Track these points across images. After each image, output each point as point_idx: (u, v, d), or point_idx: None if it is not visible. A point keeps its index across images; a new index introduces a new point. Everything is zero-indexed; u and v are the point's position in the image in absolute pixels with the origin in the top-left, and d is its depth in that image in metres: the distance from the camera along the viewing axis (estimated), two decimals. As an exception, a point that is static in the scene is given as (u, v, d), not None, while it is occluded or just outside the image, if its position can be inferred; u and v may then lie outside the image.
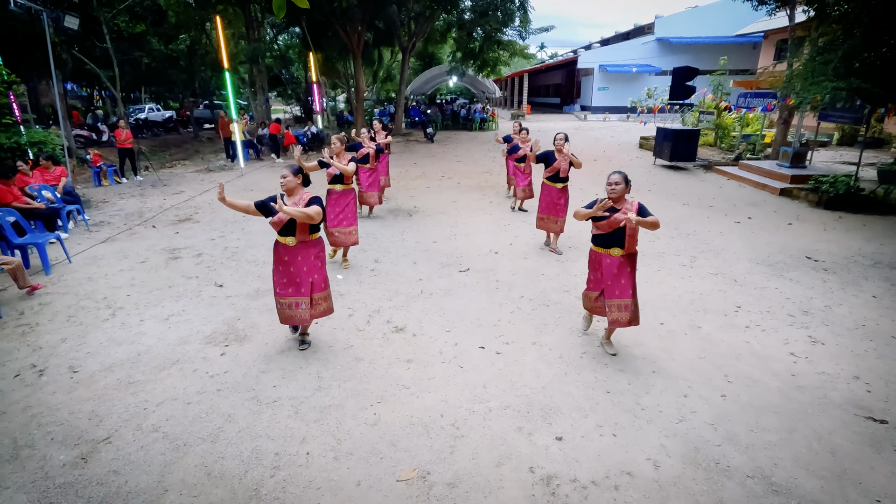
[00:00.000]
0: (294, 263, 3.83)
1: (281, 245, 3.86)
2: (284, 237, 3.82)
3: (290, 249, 3.83)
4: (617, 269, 3.85)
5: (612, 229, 3.81)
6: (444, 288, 5.44)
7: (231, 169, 13.96)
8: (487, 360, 3.99)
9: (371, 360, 3.98)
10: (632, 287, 3.88)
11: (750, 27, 27.88)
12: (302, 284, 3.84)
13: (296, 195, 3.86)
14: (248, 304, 5.01)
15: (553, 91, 46.03)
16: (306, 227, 3.78)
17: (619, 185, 3.77)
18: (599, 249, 3.96)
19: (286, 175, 3.86)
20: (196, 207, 9.32)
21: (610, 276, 3.86)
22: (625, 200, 3.82)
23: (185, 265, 6.19)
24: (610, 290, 3.87)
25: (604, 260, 3.92)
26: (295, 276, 3.84)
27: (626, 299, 3.83)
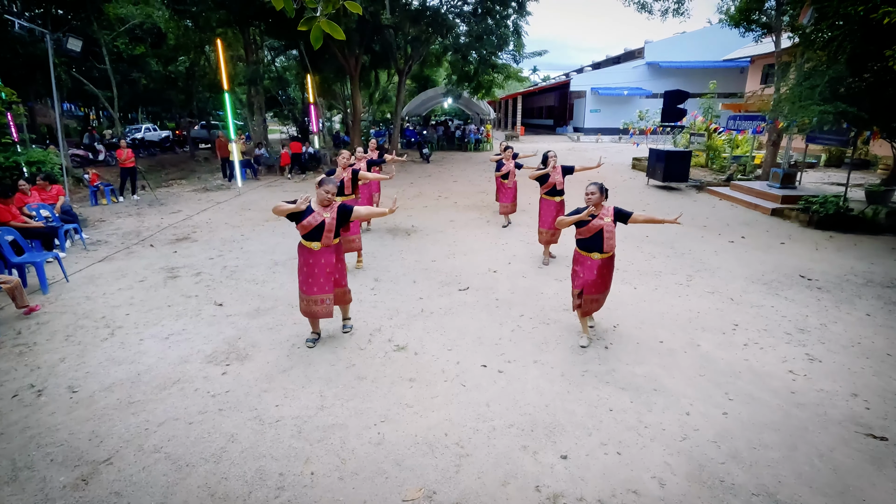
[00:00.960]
0: (318, 265, 4.27)
1: (306, 248, 4.29)
2: (310, 242, 4.26)
3: (315, 253, 4.27)
4: (597, 271, 4.38)
5: (592, 234, 4.34)
6: (444, 307, 5.46)
7: (228, 188, 14.00)
8: (490, 378, 4.00)
9: (373, 379, 3.98)
10: (606, 286, 4.54)
11: (737, 52, 28.69)
12: (326, 283, 4.30)
13: (330, 206, 4.29)
14: (249, 324, 5.00)
15: (546, 113, 46.83)
16: (331, 234, 4.25)
17: (594, 195, 4.29)
18: (583, 252, 4.49)
19: (332, 191, 4.24)
20: (194, 227, 9.33)
21: (591, 276, 4.39)
22: (602, 207, 4.35)
23: (184, 284, 6.18)
24: (588, 287, 4.42)
25: (586, 261, 4.44)
26: (319, 275, 4.28)
27: (598, 295, 4.51)
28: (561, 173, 6.84)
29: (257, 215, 10.30)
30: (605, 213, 4.35)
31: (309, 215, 4.16)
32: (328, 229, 4.21)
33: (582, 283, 4.42)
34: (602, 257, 4.37)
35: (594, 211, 4.22)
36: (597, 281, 4.39)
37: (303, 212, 4.13)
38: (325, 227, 4.19)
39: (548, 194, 6.87)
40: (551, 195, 6.85)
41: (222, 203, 11.79)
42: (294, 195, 13.17)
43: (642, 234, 8.46)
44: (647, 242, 7.98)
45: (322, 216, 4.19)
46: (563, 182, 6.87)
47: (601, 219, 4.32)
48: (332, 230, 4.24)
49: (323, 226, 4.19)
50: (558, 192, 6.84)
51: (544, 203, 6.89)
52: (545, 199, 6.90)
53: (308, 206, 4.17)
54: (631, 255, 7.25)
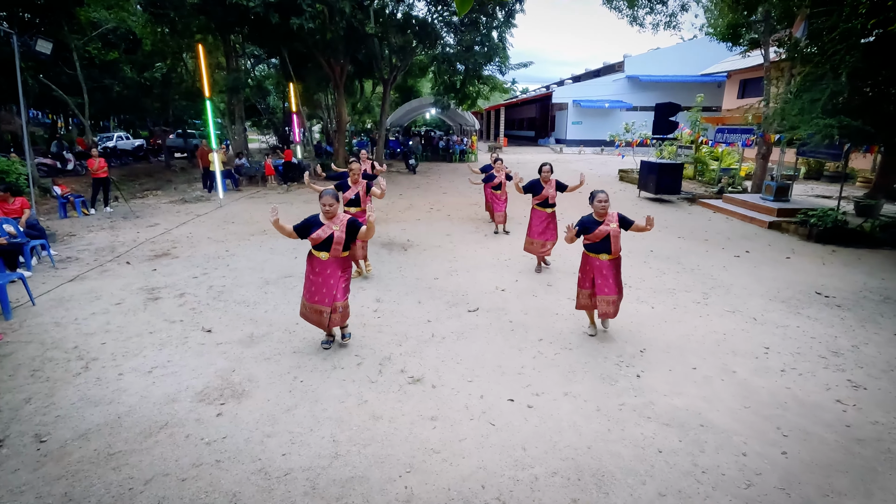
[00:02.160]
0: (323, 275, 4.33)
1: (315, 257, 4.37)
2: (319, 252, 4.33)
3: (322, 263, 4.33)
4: (605, 271, 4.66)
5: (600, 239, 4.65)
6: (455, 330, 5.06)
7: (209, 200, 13.35)
8: (520, 415, 3.61)
9: (391, 419, 3.54)
10: (617, 286, 4.72)
11: (715, 67, 29.35)
12: (327, 295, 4.30)
13: (336, 218, 4.31)
14: (243, 353, 4.51)
15: (527, 124, 47.13)
16: (340, 246, 4.28)
17: (607, 203, 4.65)
18: (591, 254, 4.77)
19: (332, 203, 4.26)
20: (173, 241, 8.73)
21: (600, 276, 4.67)
22: (607, 213, 4.68)
23: (166, 307, 5.63)
24: (600, 288, 4.68)
25: (595, 262, 4.72)
26: (322, 286, 4.31)
27: (613, 296, 4.68)
28: (554, 187, 6.86)
29: (242, 229, 9.74)
30: (611, 218, 4.66)
31: (318, 229, 4.26)
32: (337, 241, 4.28)
33: (590, 283, 4.73)
34: (610, 258, 4.68)
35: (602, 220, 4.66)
36: (608, 280, 4.66)
37: (311, 226, 4.28)
38: (333, 239, 4.27)
39: (540, 206, 6.93)
40: (543, 206, 6.92)
41: (203, 216, 11.17)
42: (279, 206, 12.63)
43: (645, 249, 8.23)
44: (653, 258, 7.75)
45: (331, 229, 4.26)
46: (555, 196, 6.92)
47: (607, 224, 4.63)
48: (340, 243, 4.29)
49: (332, 238, 4.26)
50: (550, 205, 6.91)
51: (535, 213, 6.98)
52: (536, 210, 6.97)
53: (317, 220, 4.29)
54: (640, 272, 6.99)
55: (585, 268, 4.85)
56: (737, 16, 12.33)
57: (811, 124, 7.63)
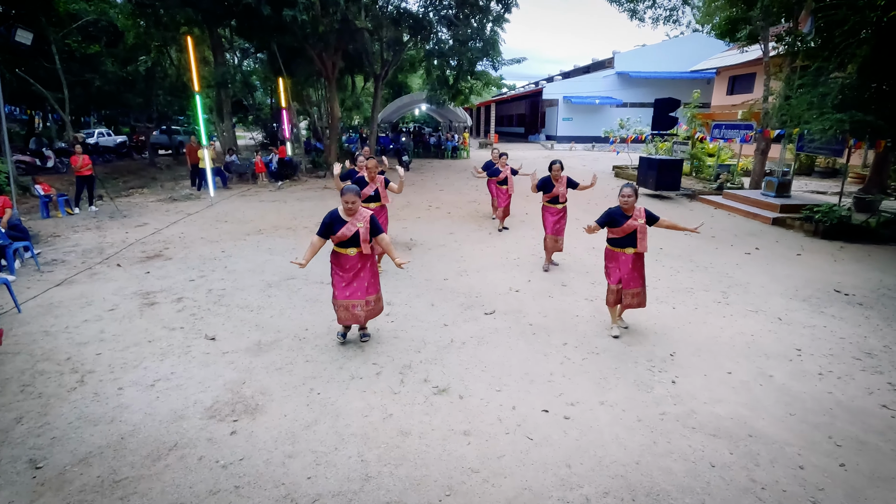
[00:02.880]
0: (354, 270, 4.31)
1: (341, 254, 4.31)
2: (346, 248, 4.28)
3: (351, 259, 4.29)
4: (631, 265, 4.63)
5: (626, 234, 4.57)
6: (474, 335, 4.82)
7: (198, 198, 12.90)
8: (557, 427, 3.39)
9: (420, 434, 3.29)
10: (642, 279, 4.77)
11: (703, 63, 29.45)
12: (359, 288, 4.31)
13: (357, 214, 4.22)
14: (252, 363, 4.21)
15: (517, 121, 47.00)
16: (367, 243, 4.26)
17: (631, 198, 4.52)
18: (615, 248, 4.71)
19: (354, 200, 4.16)
20: (165, 242, 8.34)
21: (626, 270, 4.63)
22: (634, 208, 4.58)
23: (164, 313, 5.29)
24: (626, 281, 4.66)
25: (620, 256, 4.68)
26: (353, 280, 4.31)
27: (638, 288, 4.72)
28: (565, 185, 6.70)
29: (236, 228, 9.37)
30: (638, 213, 4.58)
31: (342, 227, 4.19)
32: (363, 239, 4.24)
33: (619, 277, 4.67)
34: (635, 251, 4.63)
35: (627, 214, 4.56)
36: (633, 273, 4.64)
37: (333, 224, 4.20)
38: (360, 236, 4.22)
39: (550, 202, 6.78)
40: (553, 203, 6.76)
41: (194, 215, 10.75)
42: (272, 205, 12.29)
43: (655, 247, 8.04)
44: (665, 256, 7.59)
45: (355, 226, 4.21)
46: (566, 194, 6.76)
47: (635, 220, 4.54)
48: (366, 240, 4.26)
49: (358, 235, 4.22)
50: (561, 203, 6.77)
51: (547, 210, 6.83)
52: (547, 207, 6.82)
53: (338, 216, 4.21)
54: (654, 271, 6.81)
55: (611, 263, 4.78)
56: (736, 11, 12.24)
57: (822, 119, 7.52)
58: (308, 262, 4.10)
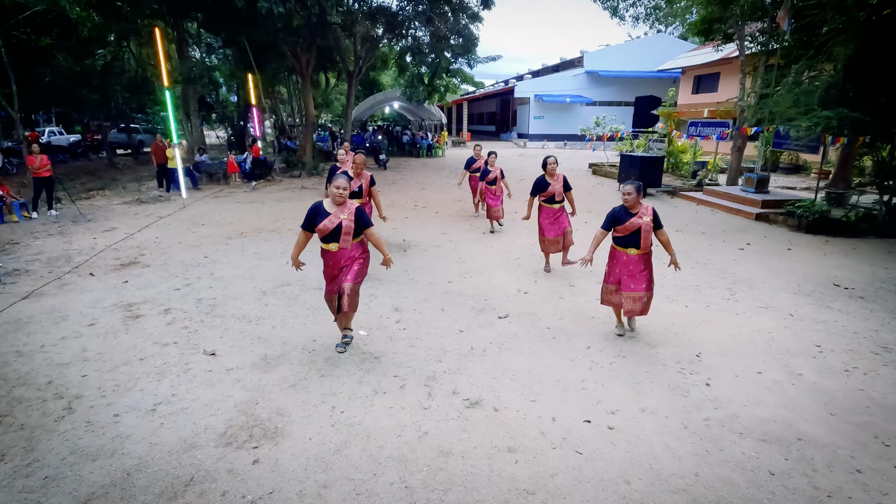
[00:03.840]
0: (337, 267, 4.07)
1: (325, 250, 4.08)
2: (328, 243, 4.03)
3: (334, 255, 4.05)
4: (633, 266, 4.43)
5: (630, 232, 4.40)
6: (493, 340, 4.61)
7: (168, 200, 12.19)
8: (604, 439, 3.21)
9: (463, 454, 3.05)
10: (646, 283, 4.46)
11: (669, 63, 30.15)
12: (344, 279, 4.02)
13: (344, 206, 3.99)
14: (262, 380, 3.86)
15: (487, 119, 47.10)
16: (350, 236, 4.00)
17: (631, 195, 4.38)
18: (618, 248, 4.54)
19: (345, 187, 3.95)
20: (140, 248, 7.76)
21: (626, 271, 4.43)
22: (640, 205, 4.42)
23: (152, 326, 4.84)
24: (626, 283, 4.44)
25: (622, 257, 4.49)
26: (337, 276, 4.07)
27: (640, 293, 4.43)
28: (562, 183, 6.44)
29: (215, 232, 8.84)
30: (644, 212, 4.42)
31: (324, 218, 3.95)
32: (345, 232, 3.98)
33: (617, 279, 4.50)
34: (638, 253, 4.44)
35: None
36: (634, 276, 4.42)
37: (316, 216, 3.97)
38: (342, 229, 3.96)
39: (546, 202, 6.53)
40: (549, 203, 6.50)
41: (166, 218, 10.12)
42: (249, 206, 11.72)
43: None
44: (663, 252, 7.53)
45: (339, 218, 3.96)
46: (562, 193, 6.46)
47: (640, 217, 4.39)
48: (349, 233, 4.00)
49: (340, 228, 3.96)
50: (557, 201, 6.49)
51: (543, 210, 6.57)
52: (543, 206, 6.57)
53: (322, 208, 3.99)
54: (658, 269, 6.76)
55: (612, 262, 4.64)
56: (713, 10, 12.46)
57: (810, 116, 7.66)
58: (298, 258, 4.10)
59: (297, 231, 9.02)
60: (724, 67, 25.20)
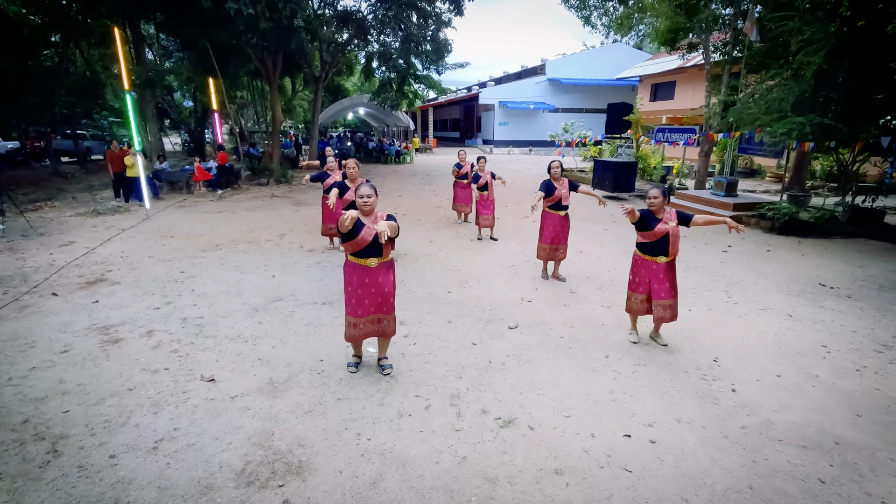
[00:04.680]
0: (376, 284, 3.71)
1: (360, 266, 3.68)
2: (365, 258, 3.66)
3: (373, 272, 3.69)
4: (662, 275, 4.33)
5: (657, 238, 4.28)
6: (509, 353, 4.45)
7: (128, 210, 11.41)
8: (649, 454, 3.10)
9: (509, 479, 2.86)
10: (674, 289, 4.39)
11: (627, 72, 31.20)
12: (384, 304, 3.76)
13: (373, 215, 3.67)
14: (273, 407, 3.54)
15: (451, 125, 47.28)
16: (390, 248, 3.73)
17: (657, 199, 4.29)
18: (646, 256, 4.41)
19: (371, 195, 3.65)
20: (105, 263, 7.15)
21: (656, 280, 4.34)
22: (664, 210, 4.31)
23: (136, 351, 4.40)
24: (656, 292, 4.35)
25: (651, 266, 4.37)
26: (377, 295, 3.72)
27: (670, 300, 4.36)
28: (567, 187, 6.27)
29: (187, 244, 8.29)
30: (669, 216, 4.29)
31: (362, 229, 3.58)
32: (386, 243, 3.65)
33: (648, 287, 4.38)
34: (667, 261, 4.34)
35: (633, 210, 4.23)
36: (664, 284, 4.33)
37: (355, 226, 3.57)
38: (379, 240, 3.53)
39: (552, 208, 6.34)
40: (555, 209, 6.31)
41: (130, 230, 9.43)
42: (219, 216, 11.12)
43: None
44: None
45: (374, 229, 3.56)
46: (568, 197, 6.27)
47: (665, 223, 4.26)
48: (388, 245, 3.72)
49: (378, 240, 3.55)
50: (563, 207, 6.28)
51: (546, 217, 6.38)
52: (548, 213, 6.37)
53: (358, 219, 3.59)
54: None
55: (640, 272, 4.47)
56: (678, 20, 12.88)
57: (785, 122, 7.96)
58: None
59: (276, 241, 8.60)
60: (679, 76, 26.30)
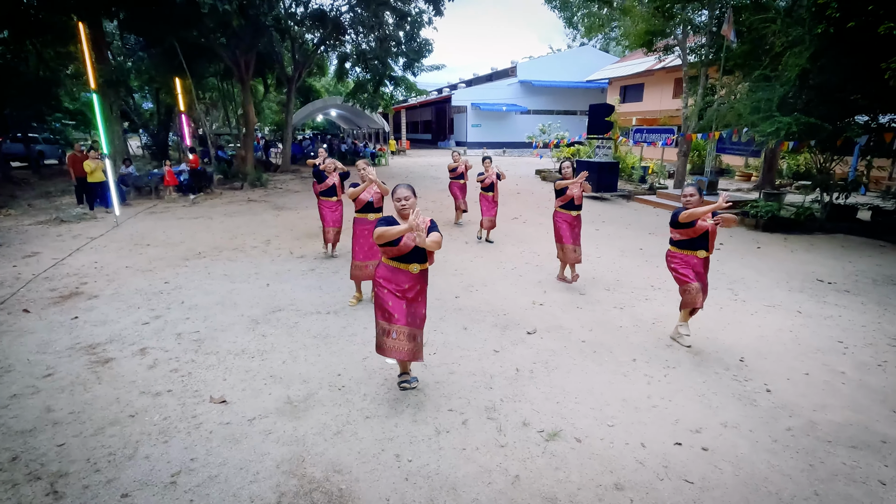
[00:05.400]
0: (413, 292, 3.45)
1: (401, 271, 3.41)
2: (408, 263, 3.39)
3: (413, 278, 3.44)
4: (702, 268, 4.41)
5: (699, 234, 4.30)
6: (535, 360, 4.28)
7: (95, 218, 10.70)
8: (705, 463, 2.97)
9: (570, 498, 2.67)
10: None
11: (597, 74, 31.78)
12: (417, 316, 3.49)
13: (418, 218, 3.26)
14: (297, 430, 3.24)
15: (423, 127, 47.05)
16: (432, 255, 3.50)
17: (693, 197, 4.27)
18: (686, 252, 4.41)
19: (408, 196, 3.36)
20: (79, 275, 6.61)
21: (700, 272, 4.39)
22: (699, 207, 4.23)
23: (131, 372, 4.00)
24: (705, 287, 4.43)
25: (691, 260, 4.39)
26: (411, 305, 3.45)
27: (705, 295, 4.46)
28: (580, 186, 6.11)
29: (166, 252, 7.78)
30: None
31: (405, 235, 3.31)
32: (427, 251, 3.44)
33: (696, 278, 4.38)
34: (706, 255, 4.40)
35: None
36: (705, 280, 4.43)
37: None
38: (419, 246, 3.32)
39: (564, 208, 6.21)
40: (568, 209, 6.19)
41: (99, 238, 8.81)
42: (195, 222, 10.55)
43: (635, 248, 8.19)
44: (651, 256, 7.67)
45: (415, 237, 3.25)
46: (581, 197, 6.19)
47: (704, 220, 4.28)
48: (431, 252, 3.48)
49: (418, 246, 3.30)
50: (576, 207, 6.19)
51: (559, 217, 6.23)
52: (560, 213, 6.23)
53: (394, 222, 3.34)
54: (656, 272, 6.82)
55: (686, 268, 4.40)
56: (657, 23, 13.09)
57: (771, 122, 8.13)
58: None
59: (262, 248, 8.21)
60: (647, 79, 26.94)
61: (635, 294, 6.01)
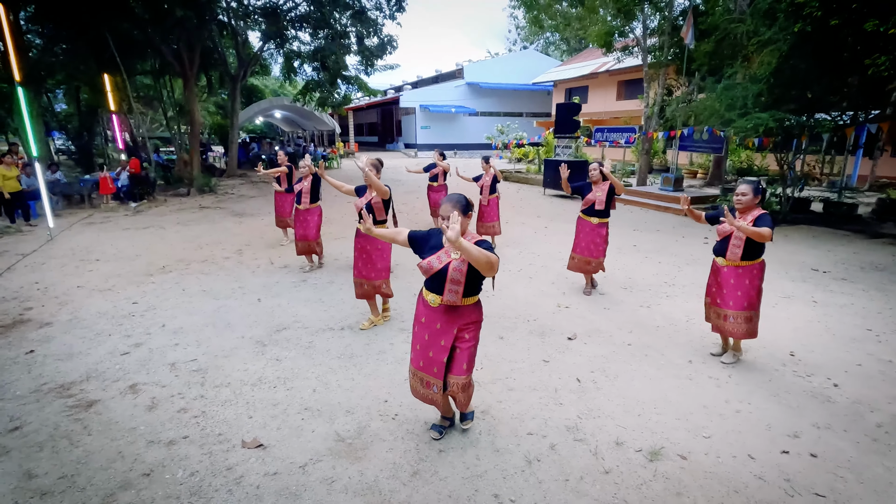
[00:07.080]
0: (430, 328, 2.73)
1: (423, 301, 2.79)
2: (429, 292, 2.73)
3: (431, 311, 2.73)
4: (722, 279, 3.91)
5: (722, 238, 3.89)
6: (591, 368, 3.95)
7: (20, 231, 9.27)
8: (824, 472, 2.76)
9: (712, 529, 2.35)
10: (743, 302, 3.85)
11: (542, 77, 32.43)
12: (434, 361, 2.72)
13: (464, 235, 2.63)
14: (367, 474, 2.70)
15: (368, 130, 46.05)
16: (459, 287, 2.61)
17: (746, 196, 3.72)
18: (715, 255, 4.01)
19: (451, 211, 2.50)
20: (19, 299, 5.56)
21: (717, 285, 3.97)
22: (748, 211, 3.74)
23: (125, 416, 3.25)
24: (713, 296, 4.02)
25: (712, 265, 4.03)
26: (429, 346, 2.73)
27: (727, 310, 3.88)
28: (606, 192, 5.46)
29: (123, 268, 6.78)
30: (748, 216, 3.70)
31: (433, 253, 2.68)
32: (453, 280, 2.61)
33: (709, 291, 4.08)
34: (727, 264, 3.87)
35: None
36: (722, 290, 3.91)
37: (428, 239, 2.76)
38: (447, 274, 2.62)
39: (585, 213, 5.64)
40: (588, 215, 5.60)
41: (33, 255, 7.58)
42: (145, 232, 9.41)
43: (629, 245, 8.15)
44: (649, 252, 7.64)
45: (450, 256, 2.64)
46: (604, 202, 5.47)
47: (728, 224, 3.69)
48: (459, 283, 2.61)
49: (446, 272, 2.62)
50: (597, 213, 5.53)
51: (580, 223, 5.70)
52: (581, 219, 5.70)
53: (436, 236, 2.75)
54: (657, 268, 6.76)
55: (711, 274, 4.08)
56: (617, 23, 13.35)
57: (748, 118, 8.36)
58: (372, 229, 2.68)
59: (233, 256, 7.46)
60: (591, 81, 27.79)
61: (654, 292, 5.87)
